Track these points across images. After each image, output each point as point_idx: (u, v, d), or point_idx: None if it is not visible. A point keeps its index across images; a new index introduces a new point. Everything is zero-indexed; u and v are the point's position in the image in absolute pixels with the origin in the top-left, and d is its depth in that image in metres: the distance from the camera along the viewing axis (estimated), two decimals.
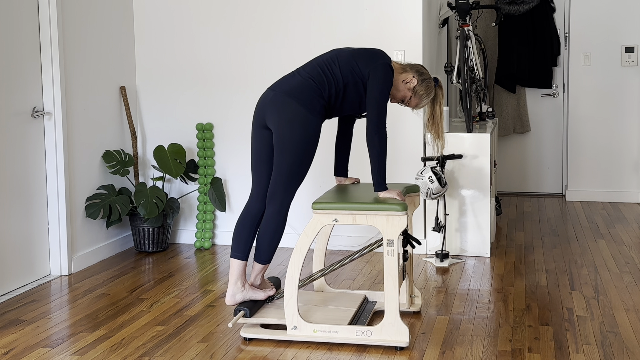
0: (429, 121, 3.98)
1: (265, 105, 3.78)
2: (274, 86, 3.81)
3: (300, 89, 3.72)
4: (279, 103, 3.71)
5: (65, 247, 4.99)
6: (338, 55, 3.83)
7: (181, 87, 5.79)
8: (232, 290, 3.85)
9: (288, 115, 3.68)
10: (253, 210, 3.87)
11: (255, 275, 3.92)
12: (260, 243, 3.83)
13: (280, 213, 3.77)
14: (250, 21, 5.62)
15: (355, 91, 3.77)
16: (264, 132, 3.80)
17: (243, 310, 3.78)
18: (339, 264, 4.06)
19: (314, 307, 3.94)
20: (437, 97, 3.94)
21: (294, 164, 3.71)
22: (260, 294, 3.89)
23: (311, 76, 3.76)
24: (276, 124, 3.71)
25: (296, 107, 3.68)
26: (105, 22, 5.46)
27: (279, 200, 3.76)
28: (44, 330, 3.94)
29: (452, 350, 3.57)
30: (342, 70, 3.76)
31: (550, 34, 7.66)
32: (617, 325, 3.87)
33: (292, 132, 3.68)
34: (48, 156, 4.94)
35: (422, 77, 3.88)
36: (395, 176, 5.38)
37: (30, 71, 4.80)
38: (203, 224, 5.75)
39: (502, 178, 7.95)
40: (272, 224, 3.78)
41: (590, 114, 7.48)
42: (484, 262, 5.17)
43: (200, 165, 5.72)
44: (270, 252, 3.84)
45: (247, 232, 3.86)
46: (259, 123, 3.82)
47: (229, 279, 3.87)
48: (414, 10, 5.35)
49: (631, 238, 5.82)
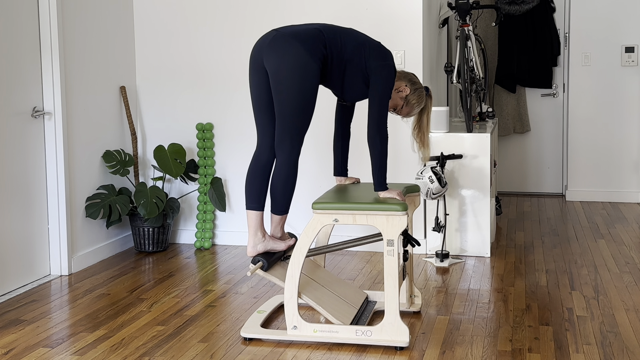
0: (414, 129, 3.97)
1: (264, 44, 3.70)
2: (279, 28, 3.76)
3: (306, 34, 3.67)
4: (280, 42, 3.64)
5: (65, 247, 4.99)
6: (356, 32, 3.82)
7: (181, 87, 5.79)
8: (253, 241, 3.80)
9: (288, 55, 3.61)
10: (262, 159, 3.80)
11: (274, 227, 3.88)
12: (274, 194, 3.78)
13: (290, 161, 3.71)
14: (250, 21, 5.62)
15: (352, 73, 3.74)
16: (262, 77, 3.72)
17: (261, 261, 3.73)
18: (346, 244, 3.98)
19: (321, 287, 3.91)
20: (426, 107, 3.94)
21: (297, 106, 3.63)
22: (280, 244, 3.85)
23: (321, 30, 3.72)
24: (274, 64, 3.63)
25: (297, 47, 3.61)
26: (105, 22, 5.46)
27: (287, 148, 3.69)
28: (44, 330, 3.94)
29: (452, 350, 3.57)
30: (352, 45, 3.73)
31: (550, 34, 7.66)
32: (617, 325, 3.87)
33: (291, 73, 3.60)
34: (48, 156, 4.94)
35: (414, 86, 3.88)
36: (396, 176, 5.38)
37: (30, 71, 4.80)
38: (203, 224, 5.75)
39: (502, 178, 7.95)
40: (283, 173, 3.72)
41: (590, 114, 7.49)
42: (484, 262, 5.17)
43: (200, 165, 5.72)
44: (285, 202, 3.79)
45: (260, 182, 3.80)
46: (256, 64, 3.73)
47: (248, 230, 3.83)
48: (414, 10, 5.35)
49: (631, 238, 5.82)
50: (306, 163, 5.56)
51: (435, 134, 5.32)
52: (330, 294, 3.91)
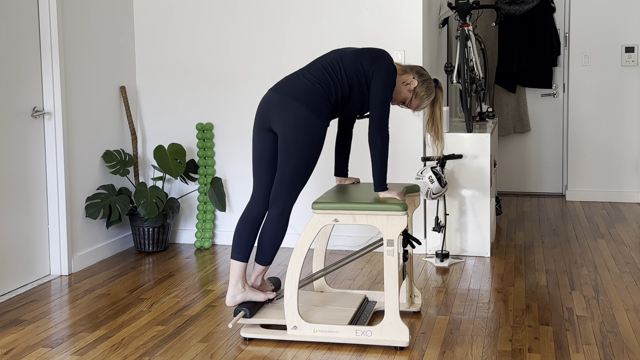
0: (428, 122, 3.97)
1: (270, 107, 3.73)
2: (278, 88, 3.76)
3: (307, 93, 3.68)
4: (286, 107, 3.67)
5: (65, 247, 4.99)
6: (342, 56, 3.79)
7: (181, 87, 5.79)
8: (233, 291, 3.84)
9: (295, 119, 3.64)
10: (254, 212, 3.85)
11: (255, 277, 3.91)
12: (262, 244, 3.82)
13: (283, 216, 3.76)
14: (250, 21, 5.62)
15: (359, 92, 3.75)
16: (267, 135, 3.77)
17: (243, 310, 3.78)
18: (339, 264, 4.05)
19: (314, 307, 3.94)
20: (437, 99, 3.93)
21: (299, 168, 3.69)
22: (260, 295, 3.88)
23: (318, 80, 3.71)
24: (282, 128, 3.67)
25: (304, 111, 3.64)
26: (105, 22, 5.46)
27: (282, 203, 3.74)
28: (44, 330, 3.94)
29: (452, 350, 3.57)
30: (347, 72, 3.73)
31: (550, 34, 7.66)
32: (617, 325, 3.87)
33: (299, 136, 3.65)
34: (48, 156, 4.94)
35: (422, 78, 3.87)
36: (395, 176, 5.38)
37: (30, 71, 4.80)
38: (203, 224, 5.75)
39: (502, 178, 7.95)
40: (274, 227, 3.77)
41: (590, 114, 7.48)
42: (484, 262, 5.17)
43: (200, 165, 5.72)
44: (271, 254, 3.83)
45: (248, 234, 3.84)
46: (262, 125, 3.78)
47: (230, 280, 3.86)
48: (414, 10, 5.35)
49: (631, 238, 5.82)
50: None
51: None
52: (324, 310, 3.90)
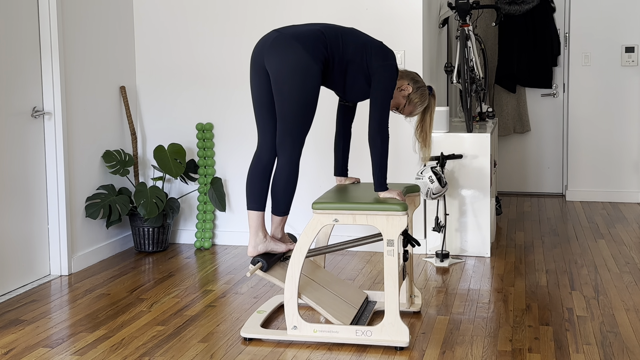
0: (417, 129, 3.96)
1: (266, 45, 3.70)
2: (280, 28, 3.75)
3: (307, 35, 3.66)
4: (282, 44, 3.63)
5: (65, 247, 4.99)
6: (358, 32, 3.82)
7: (181, 87, 5.80)
8: (254, 241, 3.80)
9: (289, 58, 3.61)
10: (263, 160, 3.81)
11: (275, 228, 3.89)
12: (275, 195, 3.79)
13: (291, 162, 3.72)
14: (250, 21, 5.62)
15: (353, 74, 3.74)
16: (263, 76, 3.73)
17: (261, 262, 3.73)
18: (346, 244, 3.98)
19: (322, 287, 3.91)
20: (430, 106, 3.93)
21: (297, 110, 3.64)
22: (281, 245, 3.85)
23: (323, 31, 3.71)
24: (275, 67, 3.63)
25: (299, 50, 3.61)
26: (105, 22, 5.46)
27: (289, 150, 3.70)
28: (44, 330, 3.94)
29: (452, 350, 3.57)
30: (354, 46, 3.72)
31: (550, 34, 7.66)
32: (617, 325, 3.87)
33: (293, 76, 3.60)
34: (48, 156, 4.94)
35: (417, 85, 3.87)
36: (396, 176, 5.38)
37: (30, 71, 4.80)
38: (203, 224, 5.75)
39: (502, 178, 7.95)
40: (284, 174, 3.73)
41: (590, 114, 7.49)
42: (484, 262, 5.17)
43: (200, 165, 5.72)
44: (286, 203, 3.79)
45: (261, 182, 3.80)
46: (257, 65, 3.73)
47: (249, 230, 3.82)
48: (414, 10, 5.35)
49: (631, 238, 5.82)
50: (306, 163, 5.56)
51: (435, 134, 5.32)
52: (330, 294, 3.91)
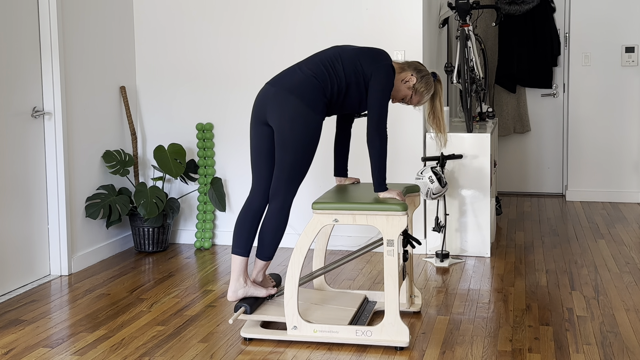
0: (429, 116, 3.97)
1: (266, 101, 3.74)
2: (275, 82, 3.77)
3: (303, 87, 3.69)
4: (281, 100, 3.68)
5: (65, 247, 4.99)
6: (341, 53, 3.80)
7: (181, 87, 5.79)
8: (235, 286, 3.84)
9: (291, 113, 3.66)
10: (254, 206, 3.86)
11: (257, 272, 3.92)
12: (262, 240, 3.83)
13: (283, 210, 3.77)
14: (250, 21, 5.62)
15: (357, 90, 3.76)
16: (264, 129, 3.78)
17: (244, 306, 3.78)
18: (339, 263, 4.05)
19: (314, 305, 3.94)
20: (437, 92, 3.93)
21: (296, 162, 3.70)
22: (262, 291, 3.89)
23: (314, 74, 3.72)
24: (278, 122, 3.69)
25: (299, 104, 3.65)
26: (105, 22, 5.46)
27: (282, 198, 3.75)
28: (44, 330, 3.94)
29: (452, 350, 3.57)
30: (345, 69, 3.73)
31: (550, 34, 7.66)
32: (617, 325, 3.87)
33: (294, 130, 3.66)
34: (48, 156, 4.94)
35: (420, 74, 3.87)
36: (395, 176, 5.38)
37: (30, 71, 4.80)
38: (203, 224, 5.75)
39: (502, 178, 7.95)
40: (274, 221, 3.78)
41: (590, 114, 7.49)
42: (484, 262, 5.17)
43: (200, 165, 5.72)
44: (272, 249, 3.83)
45: (249, 228, 3.85)
46: (258, 119, 3.79)
47: (231, 275, 3.86)
48: (414, 10, 5.35)
49: (631, 238, 5.82)
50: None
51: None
52: (324, 309, 3.90)
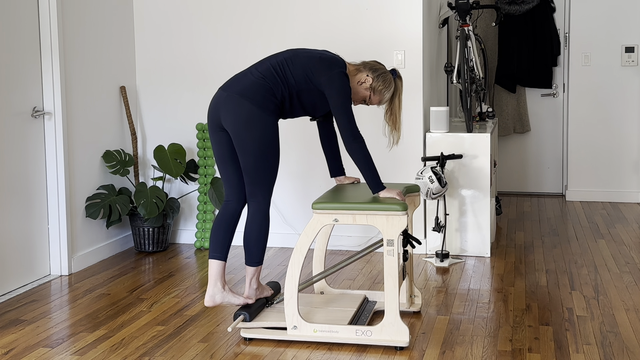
0: (386, 113, 3.93)
1: (219, 106, 3.76)
2: (226, 86, 3.79)
3: (254, 89, 3.70)
4: (234, 104, 3.69)
5: (65, 247, 4.99)
6: (293, 57, 3.80)
7: (181, 87, 5.79)
8: (212, 291, 3.83)
9: (244, 117, 3.67)
10: (229, 210, 3.87)
11: (249, 279, 3.88)
12: (247, 246, 3.82)
13: (261, 211, 3.77)
14: (250, 21, 5.62)
15: (309, 96, 3.78)
16: (222, 134, 3.79)
17: (243, 314, 3.78)
18: (338, 266, 4.05)
19: (315, 309, 3.94)
20: (397, 89, 3.90)
21: (259, 164, 3.71)
22: (239, 298, 3.85)
23: (264, 76, 3.73)
24: (233, 126, 3.70)
25: (251, 107, 3.66)
26: (105, 22, 5.46)
27: (257, 200, 3.77)
28: (44, 330, 3.94)
29: (452, 350, 3.57)
30: (294, 75, 3.74)
31: (550, 34, 7.66)
32: (617, 325, 3.87)
33: (250, 133, 3.67)
34: (48, 156, 4.94)
35: (376, 73, 3.84)
36: (395, 176, 5.38)
37: (30, 71, 4.80)
38: (203, 224, 5.75)
39: (502, 178, 7.95)
40: (255, 224, 3.78)
41: (590, 114, 7.48)
42: (484, 262, 5.17)
43: (200, 165, 5.72)
44: (259, 254, 3.83)
45: (224, 232, 3.84)
46: (215, 125, 3.80)
47: (209, 279, 3.85)
48: (414, 10, 5.35)
49: (631, 238, 5.82)
50: (306, 163, 5.56)
51: (436, 134, 5.32)
52: (324, 311, 3.90)
